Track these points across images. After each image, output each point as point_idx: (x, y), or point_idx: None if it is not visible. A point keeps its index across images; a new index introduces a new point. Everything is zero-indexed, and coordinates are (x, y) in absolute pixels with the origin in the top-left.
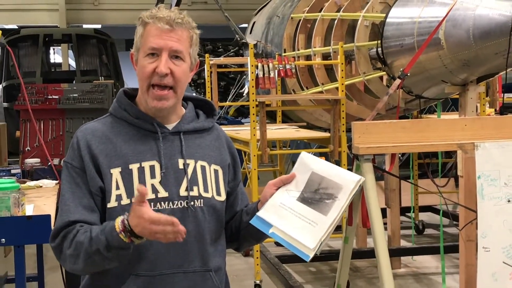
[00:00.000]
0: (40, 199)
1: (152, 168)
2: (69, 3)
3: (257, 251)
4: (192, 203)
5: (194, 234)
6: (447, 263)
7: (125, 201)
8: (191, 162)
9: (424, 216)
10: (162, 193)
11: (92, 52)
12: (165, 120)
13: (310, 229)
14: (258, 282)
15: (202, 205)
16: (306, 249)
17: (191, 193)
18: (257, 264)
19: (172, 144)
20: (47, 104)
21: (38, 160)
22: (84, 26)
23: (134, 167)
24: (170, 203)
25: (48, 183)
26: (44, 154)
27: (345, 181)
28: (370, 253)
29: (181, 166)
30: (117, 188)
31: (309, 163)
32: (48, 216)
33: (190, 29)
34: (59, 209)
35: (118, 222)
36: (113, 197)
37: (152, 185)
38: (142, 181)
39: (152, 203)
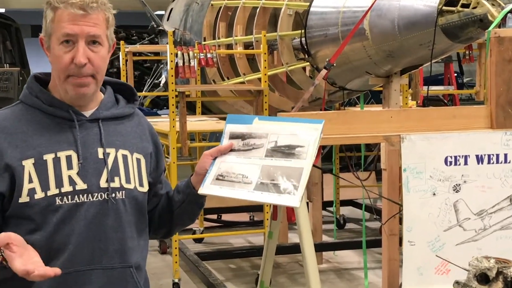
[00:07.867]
0: None
1: (68, 158)
2: None
3: (175, 248)
4: (113, 195)
5: (114, 228)
6: (368, 258)
7: (39, 195)
8: (111, 151)
9: (345, 210)
10: (81, 185)
11: None
12: (82, 107)
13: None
14: (176, 280)
15: (123, 196)
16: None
17: (112, 185)
18: (176, 262)
19: (90, 132)
20: None
21: None
22: None
23: (49, 157)
24: (89, 195)
25: None
26: None
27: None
28: (292, 249)
29: (100, 156)
30: (30, 181)
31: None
32: None
33: (106, 11)
34: None
35: None
36: (24, 192)
37: (69, 177)
38: (58, 172)
39: (69, 196)
